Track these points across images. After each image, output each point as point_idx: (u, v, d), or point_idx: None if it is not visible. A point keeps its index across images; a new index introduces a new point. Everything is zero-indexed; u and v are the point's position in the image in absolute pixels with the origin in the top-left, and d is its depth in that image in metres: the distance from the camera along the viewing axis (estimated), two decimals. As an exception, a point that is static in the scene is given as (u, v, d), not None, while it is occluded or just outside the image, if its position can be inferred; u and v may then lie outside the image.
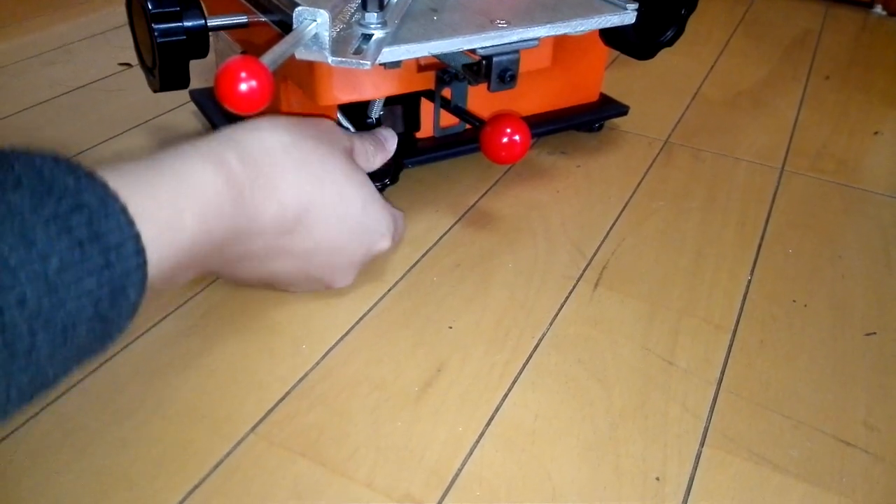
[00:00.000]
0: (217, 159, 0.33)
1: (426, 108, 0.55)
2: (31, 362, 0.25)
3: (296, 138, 0.37)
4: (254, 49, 0.37)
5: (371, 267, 0.46)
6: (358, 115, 0.53)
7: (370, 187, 0.41)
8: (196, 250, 0.32)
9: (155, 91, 0.48)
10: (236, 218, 0.34)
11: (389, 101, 0.53)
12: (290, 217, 0.37)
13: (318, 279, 0.42)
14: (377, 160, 0.45)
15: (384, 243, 0.42)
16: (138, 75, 0.53)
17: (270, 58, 0.31)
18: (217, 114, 0.61)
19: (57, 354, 0.26)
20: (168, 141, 0.62)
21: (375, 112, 0.52)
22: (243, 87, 0.28)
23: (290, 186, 0.36)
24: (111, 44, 0.82)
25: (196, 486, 0.34)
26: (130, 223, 0.28)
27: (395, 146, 0.47)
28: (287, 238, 0.38)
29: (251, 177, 0.34)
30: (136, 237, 0.28)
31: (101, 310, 0.27)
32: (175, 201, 0.31)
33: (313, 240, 0.39)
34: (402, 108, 0.54)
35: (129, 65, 0.76)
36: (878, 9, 1.02)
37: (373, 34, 0.39)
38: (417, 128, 0.55)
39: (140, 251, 0.28)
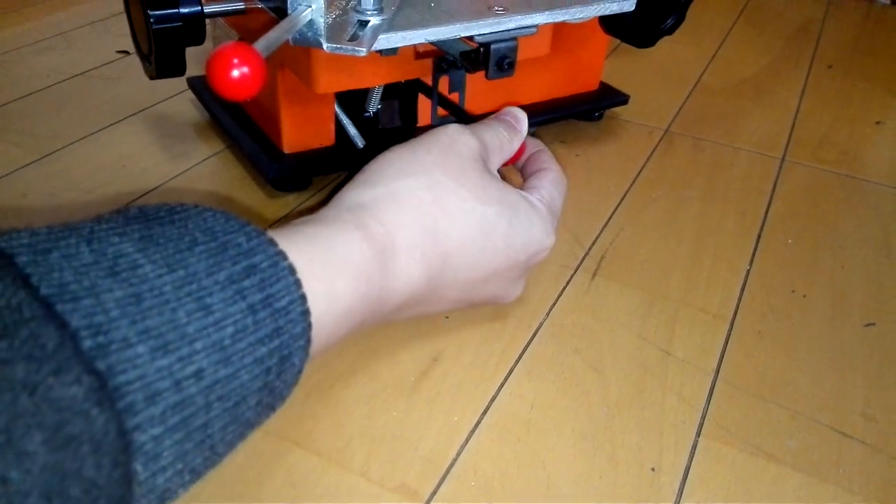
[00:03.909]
0: (359, 223, 0.33)
1: (423, 99, 0.55)
2: (205, 440, 0.24)
3: (423, 180, 0.35)
4: (252, 37, 0.37)
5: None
6: (355, 108, 0.52)
7: (511, 196, 0.38)
8: (350, 316, 0.31)
9: (151, 78, 0.47)
10: (383, 281, 0.33)
11: (386, 96, 0.52)
12: (436, 268, 0.35)
13: (484, 303, 0.41)
14: (515, 143, 0.42)
15: (545, 249, 0.40)
16: (136, 63, 0.52)
17: (264, 43, 0.31)
18: (215, 102, 0.61)
19: (228, 430, 0.25)
20: (167, 131, 0.62)
21: (373, 106, 0.52)
22: (235, 73, 0.27)
23: (427, 239, 0.35)
24: (109, 32, 0.81)
25: (190, 475, 0.34)
26: (298, 284, 0.27)
27: (526, 126, 0.43)
28: (435, 286, 0.36)
29: (391, 235, 0.33)
30: (304, 299, 0.27)
31: (270, 380, 0.26)
32: (328, 267, 0.30)
33: (464, 279, 0.37)
34: (399, 103, 0.54)
35: (126, 53, 0.76)
36: (883, -3, 1.01)
37: (369, 20, 0.39)
38: (415, 121, 0.55)
39: (306, 314, 0.27)
